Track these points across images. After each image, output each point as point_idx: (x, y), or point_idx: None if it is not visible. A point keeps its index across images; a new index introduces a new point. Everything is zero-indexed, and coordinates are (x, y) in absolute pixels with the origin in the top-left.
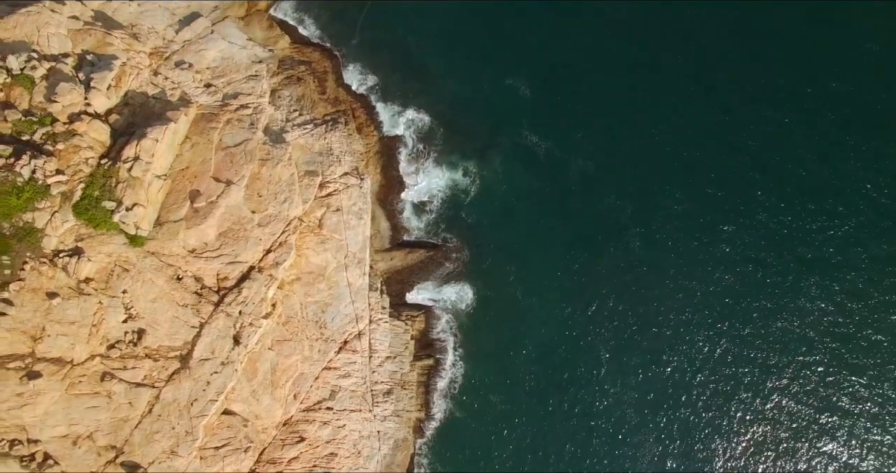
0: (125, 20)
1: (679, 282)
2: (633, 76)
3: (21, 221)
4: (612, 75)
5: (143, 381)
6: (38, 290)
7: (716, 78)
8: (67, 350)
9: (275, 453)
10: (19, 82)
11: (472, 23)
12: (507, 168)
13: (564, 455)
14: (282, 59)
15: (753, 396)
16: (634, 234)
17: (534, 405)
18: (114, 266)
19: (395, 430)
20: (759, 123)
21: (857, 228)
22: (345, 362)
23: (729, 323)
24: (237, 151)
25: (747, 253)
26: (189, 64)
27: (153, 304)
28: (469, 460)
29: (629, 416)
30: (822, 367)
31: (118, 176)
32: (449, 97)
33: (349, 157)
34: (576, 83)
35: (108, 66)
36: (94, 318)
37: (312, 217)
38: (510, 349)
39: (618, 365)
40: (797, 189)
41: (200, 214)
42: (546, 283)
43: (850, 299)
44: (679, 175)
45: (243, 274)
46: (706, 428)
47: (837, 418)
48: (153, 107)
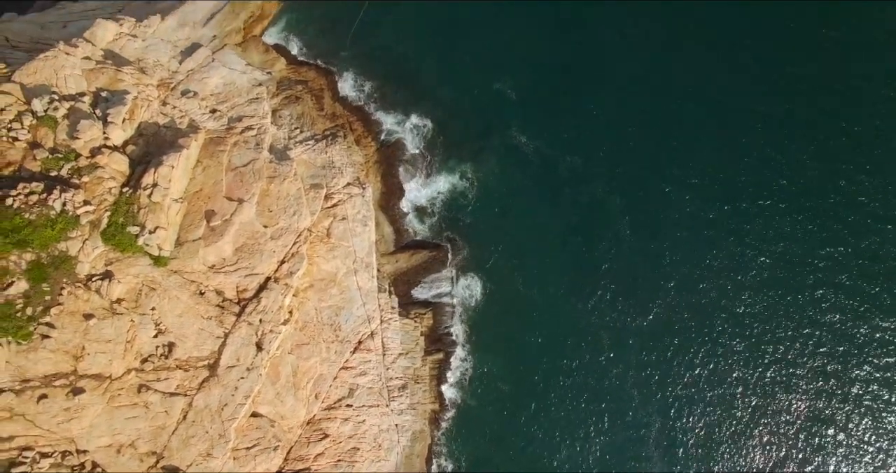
0: (132, 56)
1: (670, 266)
2: (613, 75)
3: (56, 250)
4: (593, 74)
5: (176, 391)
6: (76, 313)
7: (696, 70)
8: (106, 366)
9: (301, 450)
10: (44, 123)
11: (459, 32)
12: (500, 168)
13: (574, 436)
14: (280, 80)
15: (748, 370)
16: (624, 223)
17: (542, 390)
18: (141, 286)
19: (412, 422)
20: (743, 111)
21: (841, 206)
22: (360, 361)
23: (719, 300)
24: (246, 171)
25: (733, 234)
26: (194, 92)
27: (180, 319)
28: (484, 445)
29: (633, 396)
30: (816, 338)
31: (139, 202)
32: (440, 104)
33: (350, 169)
34: (558, 84)
35: (121, 100)
36: (128, 335)
37: (321, 227)
38: (516, 339)
39: (619, 348)
40: (780, 172)
41: (217, 232)
42: (545, 274)
43: (849, 278)
44: (662, 164)
45: (261, 285)
46: (706, 404)
47: (835, 383)
48: (165, 136)
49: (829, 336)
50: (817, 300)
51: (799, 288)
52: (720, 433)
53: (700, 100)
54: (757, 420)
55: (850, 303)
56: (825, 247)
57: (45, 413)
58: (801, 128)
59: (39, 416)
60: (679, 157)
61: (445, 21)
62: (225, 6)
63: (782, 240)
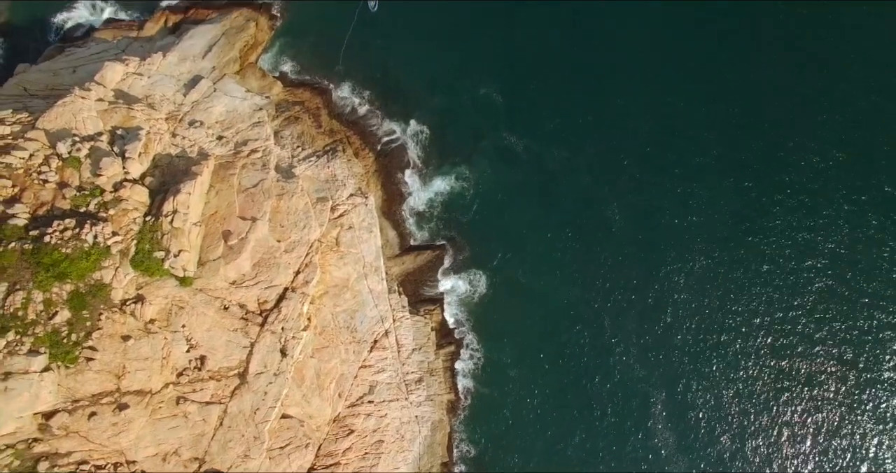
0: (140, 93)
1: (660, 246)
2: (590, 72)
3: (92, 280)
4: (570, 73)
5: (212, 400)
6: (115, 335)
7: (665, 62)
8: (146, 382)
9: (330, 446)
10: (69, 164)
11: (443, 42)
12: (493, 168)
13: (585, 413)
14: (278, 103)
15: (739, 339)
16: (613, 209)
17: (550, 373)
18: (171, 305)
19: (431, 413)
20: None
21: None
22: (377, 359)
23: (710, 276)
24: (256, 191)
25: (720, 212)
26: (200, 122)
27: (209, 333)
28: (501, 429)
29: (636, 370)
30: (804, 310)
31: (162, 229)
32: (431, 112)
33: (352, 180)
34: (540, 84)
35: (135, 136)
36: (163, 352)
37: (330, 237)
38: (521, 326)
39: (619, 327)
40: (760, 155)
41: (235, 250)
42: (544, 264)
43: (837, 246)
44: (644, 152)
45: (280, 296)
46: (707, 374)
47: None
48: (178, 165)
49: (822, 306)
50: (805, 270)
51: (786, 261)
52: (723, 401)
53: (677, 90)
54: (754, 386)
55: (843, 279)
56: (807, 222)
57: (95, 429)
58: (773, 104)
59: (91, 432)
60: (659, 144)
61: (429, 33)
62: (220, 38)
63: (768, 217)
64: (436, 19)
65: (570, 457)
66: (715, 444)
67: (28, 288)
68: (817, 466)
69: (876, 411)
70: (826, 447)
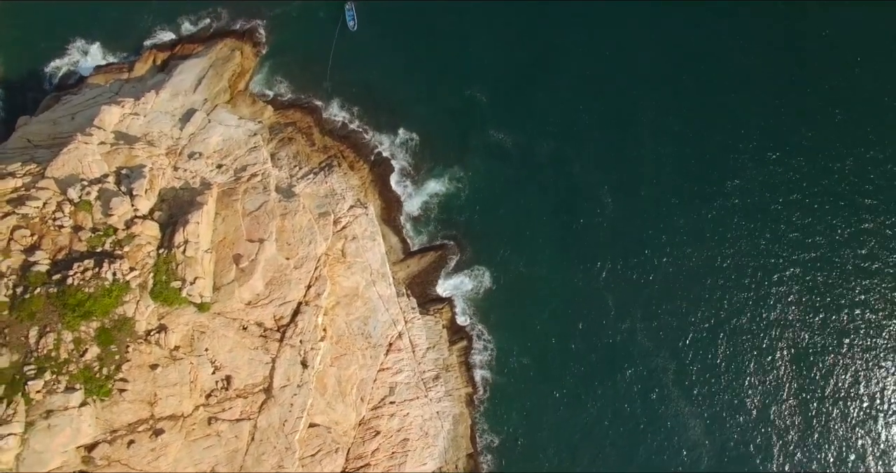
0: (138, 132)
1: (651, 224)
2: (567, 65)
3: (116, 315)
4: (548, 67)
5: (241, 416)
6: (143, 365)
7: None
8: (177, 406)
9: (359, 449)
10: (81, 208)
11: (423, 49)
12: (486, 165)
13: (598, 390)
14: (271, 126)
15: (743, 309)
16: (604, 192)
17: (561, 357)
18: (193, 331)
19: (451, 407)
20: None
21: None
22: (394, 361)
23: (703, 249)
24: (260, 213)
25: (707, 186)
26: (199, 153)
27: (231, 354)
28: (520, 415)
29: (645, 345)
30: (792, 278)
31: (176, 259)
32: (420, 118)
33: (350, 192)
34: (520, 81)
35: (140, 174)
36: (190, 376)
37: (335, 249)
38: (529, 315)
39: (623, 305)
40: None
41: (246, 272)
42: (543, 252)
43: (814, 221)
44: (628, 135)
45: (294, 311)
46: (713, 342)
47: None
48: (183, 197)
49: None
50: (797, 242)
51: (779, 227)
52: (729, 368)
53: (655, 73)
54: (756, 344)
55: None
56: (792, 194)
57: (135, 456)
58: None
59: (132, 459)
60: (645, 126)
61: (408, 44)
62: (209, 70)
63: (752, 191)
64: (413, 31)
65: (591, 434)
66: (725, 406)
67: (58, 330)
68: (826, 419)
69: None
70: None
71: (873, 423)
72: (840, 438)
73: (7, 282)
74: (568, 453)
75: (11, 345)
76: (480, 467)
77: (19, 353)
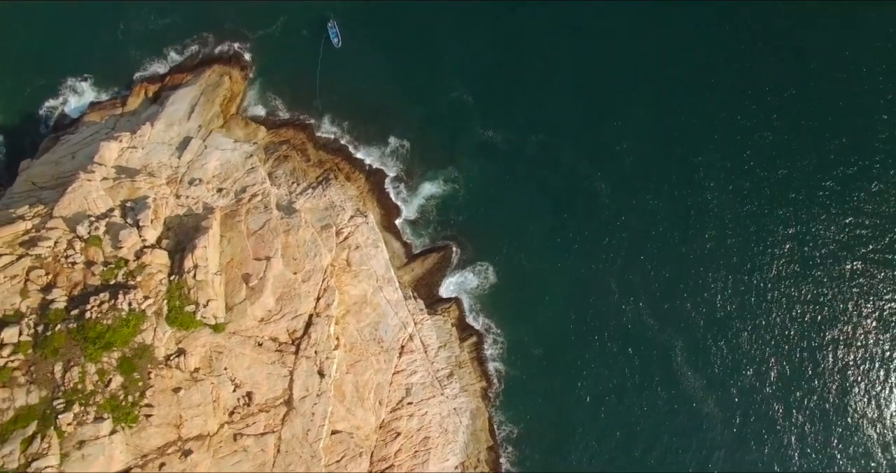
0: (138, 164)
1: (645, 207)
2: (549, 59)
3: (135, 343)
4: (531, 63)
5: (265, 430)
6: (166, 389)
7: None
8: (202, 426)
9: (382, 451)
10: (91, 243)
11: (406, 61)
12: (478, 164)
13: (609, 371)
14: (265, 146)
15: (737, 275)
16: (598, 180)
17: (570, 343)
18: (210, 352)
19: (468, 403)
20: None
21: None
22: (407, 363)
23: (699, 228)
24: (264, 232)
25: (698, 168)
26: (199, 179)
27: (249, 370)
28: (535, 404)
29: (651, 325)
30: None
31: (187, 284)
32: (410, 124)
33: (349, 203)
34: (504, 78)
35: (144, 206)
36: (212, 396)
37: (340, 259)
38: (535, 306)
39: (626, 287)
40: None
41: (256, 290)
42: (544, 243)
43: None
44: (615, 123)
45: (307, 323)
46: (719, 319)
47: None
48: (188, 224)
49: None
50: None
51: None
52: (737, 335)
53: (628, 69)
54: (757, 313)
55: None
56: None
57: None
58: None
59: None
60: (630, 113)
61: (392, 55)
62: (200, 98)
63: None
64: (394, 43)
65: (608, 417)
66: (735, 376)
67: (81, 363)
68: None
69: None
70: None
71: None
72: (847, 405)
73: (28, 322)
74: (589, 438)
75: (39, 382)
76: (501, 458)
77: (47, 389)
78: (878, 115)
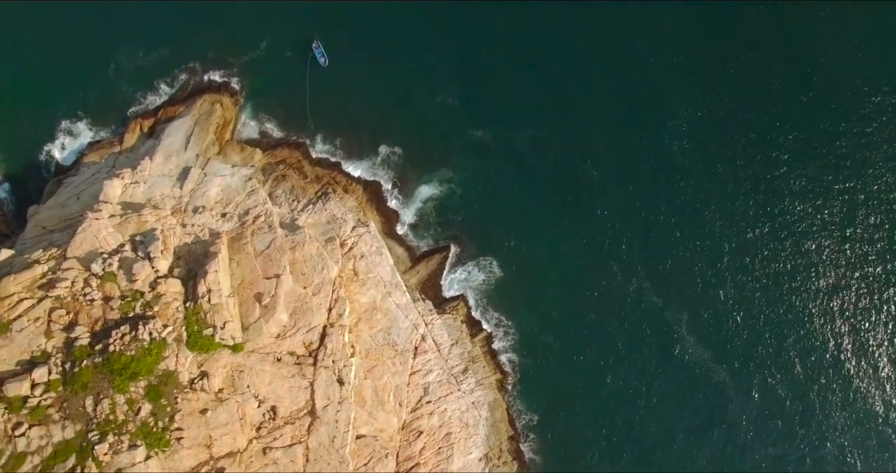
0: (142, 198)
1: (637, 190)
2: (527, 56)
3: (160, 371)
4: (510, 61)
5: (292, 442)
6: (194, 412)
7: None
8: (232, 443)
9: (407, 451)
10: (106, 279)
11: (390, 73)
12: (471, 163)
13: (618, 351)
14: (263, 168)
15: (717, 251)
16: (588, 166)
17: (579, 328)
18: (232, 372)
19: (485, 396)
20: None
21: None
22: (423, 363)
23: (695, 207)
24: (270, 251)
25: (685, 145)
26: (202, 206)
27: (271, 385)
28: (552, 389)
29: (655, 302)
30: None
31: (203, 309)
32: (400, 132)
33: (350, 214)
34: (486, 78)
35: (153, 238)
36: (238, 414)
37: (347, 270)
38: (541, 294)
39: (628, 268)
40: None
41: (270, 308)
42: (542, 233)
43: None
44: (599, 110)
45: (321, 335)
46: (724, 290)
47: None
48: (196, 251)
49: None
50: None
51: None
52: (738, 307)
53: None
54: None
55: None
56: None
57: None
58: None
59: None
60: (612, 100)
61: (376, 69)
62: (194, 128)
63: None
64: (379, 56)
65: (623, 395)
66: (739, 342)
67: (110, 395)
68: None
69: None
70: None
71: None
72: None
73: (55, 361)
74: (605, 420)
75: (72, 417)
76: (523, 446)
77: (81, 422)
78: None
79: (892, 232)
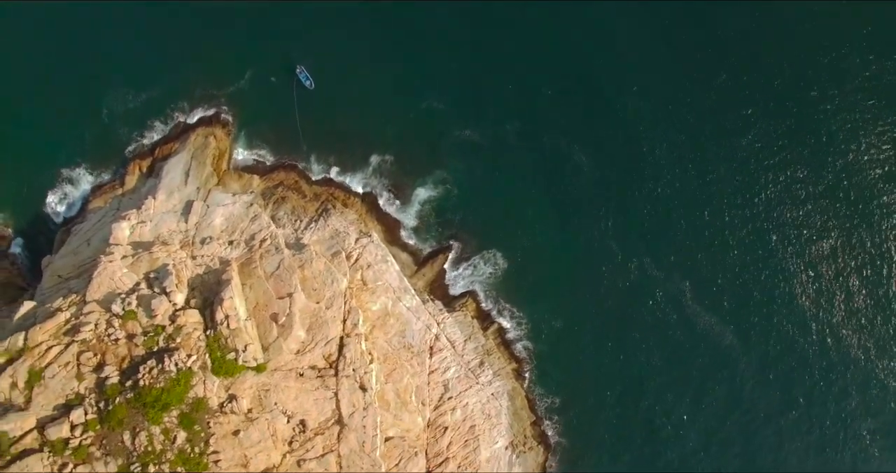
0: (150, 236)
1: (630, 169)
2: (507, 55)
3: (190, 399)
4: (492, 62)
5: (324, 452)
6: (227, 434)
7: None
8: (267, 460)
9: (435, 447)
10: (128, 318)
11: (374, 86)
12: (463, 162)
13: (628, 328)
14: (262, 192)
15: (711, 223)
16: (578, 155)
17: (587, 310)
18: (258, 392)
19: (503, 386)
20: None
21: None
22: (439, 361)
23: (687, 186)
24: (280, 272)
25: (674, 124)
26: (209, 237)
27: (297, 400)
28: (568, 372)
29: (658, 277)
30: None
31: (223, 335)
32: (391, 140)
33: (352, 227)
34: (468, 80)
35: (166, 273)
36: (269, 431)
37: (356, 280)
38: (547, 282)
39: (627, 246)
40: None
41: (286, 326)
42: (541, 222)
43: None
44: (584, 101)
45: (339, 345)
46: (727, 264)
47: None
48: (209, 280)
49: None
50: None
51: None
52: (739, 272)
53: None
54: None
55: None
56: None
57: None
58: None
59: None
60: (595, 89)
61: (362, 81)
62: (191, 162)
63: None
64: (360, 71)
65: (641, 374)
66: (743, 310)
67: (146, 427)
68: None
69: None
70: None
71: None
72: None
73: (90, 401)
74: (625, 393)
75: (113, 452)
76: (548, 429)
77: (122, 456)
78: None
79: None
